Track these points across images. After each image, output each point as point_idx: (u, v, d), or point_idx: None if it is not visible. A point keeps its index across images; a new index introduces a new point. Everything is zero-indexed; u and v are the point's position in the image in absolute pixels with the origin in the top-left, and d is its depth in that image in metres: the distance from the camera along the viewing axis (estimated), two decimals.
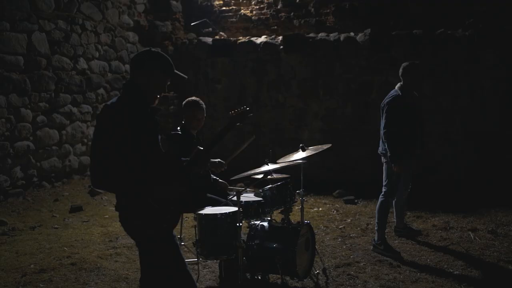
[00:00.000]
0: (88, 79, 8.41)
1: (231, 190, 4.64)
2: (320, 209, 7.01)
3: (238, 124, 3.93)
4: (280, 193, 4.29)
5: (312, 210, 6.94)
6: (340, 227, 6.07)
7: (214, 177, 4.79)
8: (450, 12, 7.93)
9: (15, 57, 7.15)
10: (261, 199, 4.26)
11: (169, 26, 9.89)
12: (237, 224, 3.80)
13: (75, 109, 8.16)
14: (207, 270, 4.67)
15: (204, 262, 4.74)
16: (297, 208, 4.77)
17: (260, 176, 4.15)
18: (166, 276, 2.81)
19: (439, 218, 6.26)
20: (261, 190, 4.30)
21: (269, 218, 4.58)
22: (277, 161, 4.49)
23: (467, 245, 5.23)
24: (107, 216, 6.58)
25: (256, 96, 9.12)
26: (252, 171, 4.03)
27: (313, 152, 4.47)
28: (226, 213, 3.90)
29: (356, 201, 7.29)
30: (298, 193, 4.60)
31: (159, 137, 2.80)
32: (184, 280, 2.83)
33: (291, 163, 4.30)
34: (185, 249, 4.97)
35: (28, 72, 7.34)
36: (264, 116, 9.07)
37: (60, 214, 6.69)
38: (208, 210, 4.02)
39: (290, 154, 4.59)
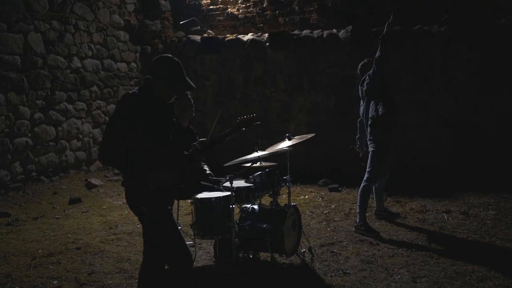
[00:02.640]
0: (82, 77, 8.73)
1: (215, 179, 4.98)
2: (306, 196, 7.44)
3: (244, 129, 4.29)
4: (268, 178, 4.70)
5: (299, 198, 7.37)
6: (325, 212, 6.50)
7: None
8: (427, 9, 8.40)
9: (12, 57, 7.47)
10: (251, 185, 4.66)
11: (158, 25, 10.23)
12: (230, 206, 4.20)
13: (70, 106, 8.49)
14: (202, 251, 5.06)
15: (199, 244, 5.14)
16: (284, 196, 5.20)
17: (249, 164, 4.54)
18: (164, 248, 3.23)
19: (416, 202, 6.72)
20: (251, 177, 4.70)
21: (259, 202, 5.02)
22: (265, 150, 4.89)
23: (441, 224, 5.70)
24: (105, 207, 6.94)
25: (244, 91, 9.51)
26: (244, 158, 4.42)
27: (298, 141, 4.88)
28: (220, 196, 4.31)
29: (340, 189, 7.73)
30: (285, 179, 5.03)
31: (171, 128, 3.21)
32: (180, 250, 3.22)
33: (279, 150, 4.70)
34: (182, 233, 5.34)
35: (25, 71, 7.66)
36: (252, 110, 9.43)
37: (60, 205, 7.04)
38: (203, 195, 4.42)
39: (277, 143, 5.00)
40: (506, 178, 7.18)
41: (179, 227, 5.03)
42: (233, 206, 4.22)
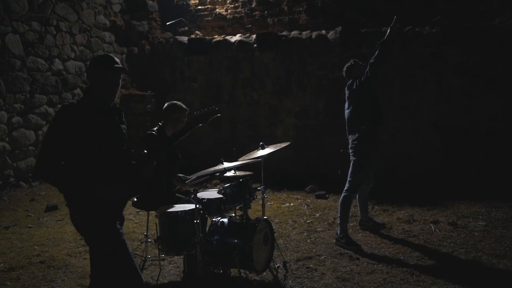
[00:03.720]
0: (64, 80, 8.50)
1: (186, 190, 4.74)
2: (292, 204, 7.18)
3: (200, 125, 4.07)
4: (239, 190, 4.44)
5: (284, 206, 7.11)
6: (308, 221, 6.24)
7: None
8: (418, 9, 8.10)
9: None
10: (222, 196, 4.41)
11: (145, 25, 9.99)
12: (195, 221, 3.95)
13: (51, 110, 8.25)
14: (172, 265, 4.81)
15: (170, 258, 4.89)
16: (264, 204, 4.93)
17: (213, 174, 4.29)
18: (112, 270, 2.97)
19: (404, 211, 6.45)
20: (221, 188, 4.45)
21: (233, 214, 4.76)
22: (238, 159, 4.64)
23: (426, 236, 5.42)
24: None
25: (232, 94, 9.26)
26: (205, 171, 4.16)
27: (272, 150, 4.62)
28: (184, 210, 4.06)
29: (327, 196, 7.47)
30: (259, 189, 4.77)
31: (118, 137, 2.96)
32: (130, 274, 2.97)
33: (247, 161, 4.44)
34: (152, 245, 5.10)
35: (2, 74, 7.43)
36: (239, 113, 9.22)
37: (35, 213, 6.81)
38: (168, 208, 4.17)
39: (252, 152, 4.74)
40: (499, 184, 6.88)
41: (149, 240, 4.83)
42: (198, 220, 3.97)
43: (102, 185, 2.83)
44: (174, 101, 4.76)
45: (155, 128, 4.62)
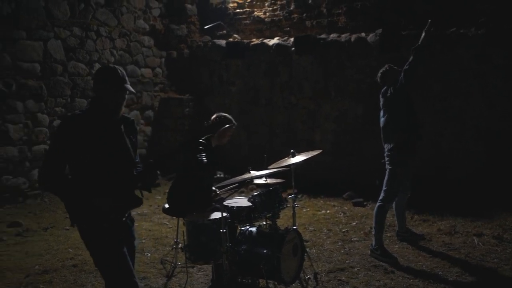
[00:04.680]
0: None
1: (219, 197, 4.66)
2: (328, 211, 7.01)
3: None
4: (268, 198, 4.32)
5: (319, 213, 6.95)
6: (344, 230, 6.05)
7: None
8: (462, 11, 7.74)
9: (31, 65, 7.45)
10: (251, 204, 4.31)
11: (184, 29, 10.04)
12: (222, 230, 3.87)
13: None
14: (201, 273, 4.76)
15: (199, 265, 4.83)
16: (301, 214, 4.80)
17: (241, 183, 4.20)
18: (113, 284, 2.93)
19: (446, 222, 6.15)
20: (250, 196, 4.36)
21: (264, 223, 4.65)
22: (268, 167, 4.53)
23: (468, 250, 5.14)
24: None
25: (269, 98, 9.17)
26: (233, 179, 4.08)
27: (303, 158, 4.49)
28: (212, 219, 4.00)
29: (365, 203, 7.25)
30: (290, 198, 4.65)
31: (123, 147, 2.93)
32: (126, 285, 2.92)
33: (276, 170, 4.33)
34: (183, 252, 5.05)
35: (44, 78, 7.63)
36: (277, 117, 9.12)
37: None
38: (199, 215, 4.13)
39: (282, 160, 4.62)
40: None
41: (179, 246, 4.79)
42: (225, 229, 3.89)
43: (100, 195, 2.80)
44: (224, 114, 4.61)
45: (203, 138, 4.53)
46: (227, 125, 4.47)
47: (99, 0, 8.50)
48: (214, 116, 4.60)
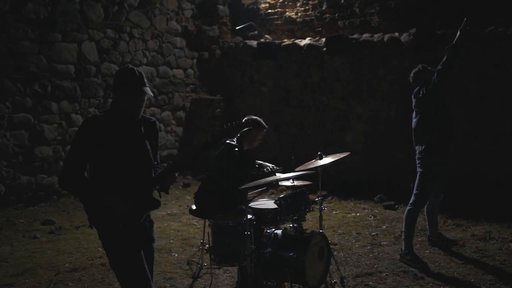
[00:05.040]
0: None
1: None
2: (358, 214, 6.89)
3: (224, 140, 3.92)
4: (295, 201, 4.27)
5: (349, 215, 6.84)
6: (373, 234, 5.94)
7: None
8: (500, 9, 7.46)
9: (66, 66, 7.63)
10: (277, 207, 4.27)
11: (216, 30, 10.08)
12: (247, 233, 3.85)
13: None
14: (227, 274, 4.75)
15: (225, 267, 4.82)
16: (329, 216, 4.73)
17: (268, 185, 4.16)
18: (127, 286, 2.94)
19: (480, 227, 5.95)
20: (277, 198, 4.32)
21: (290, 225, 4.60)
22: (295, 169, 4.48)
23: (504, 257, 4.95)
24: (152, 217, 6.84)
25: (301, 98, 9.09)
26: (260, 181, 4.04)
27: (331, 160, 4.41)
28: (236, 221, 3.98)
29: (396, 206, 7.09)
30: (318, 200, 4.58)
31: (142, 150, 2.93)
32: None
33: (302, 173, 4.28)
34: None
35: (78, 79, 7.80)
36: (308, 118, 9.03)
37: None
38: (218, 219, 4.12)
39: (310, 162, 4.56)
40: None
41: (206, 246, 4.79)
42: (250, 232, 3.86)
43: (111, 196, 2.80)
44: (255, 117, 4.61)
45: (235, 140, 4.53)
46: (256, 128, 4.47)
47: (132, 2, 8.63)
48: (245, 119, 4.58)
